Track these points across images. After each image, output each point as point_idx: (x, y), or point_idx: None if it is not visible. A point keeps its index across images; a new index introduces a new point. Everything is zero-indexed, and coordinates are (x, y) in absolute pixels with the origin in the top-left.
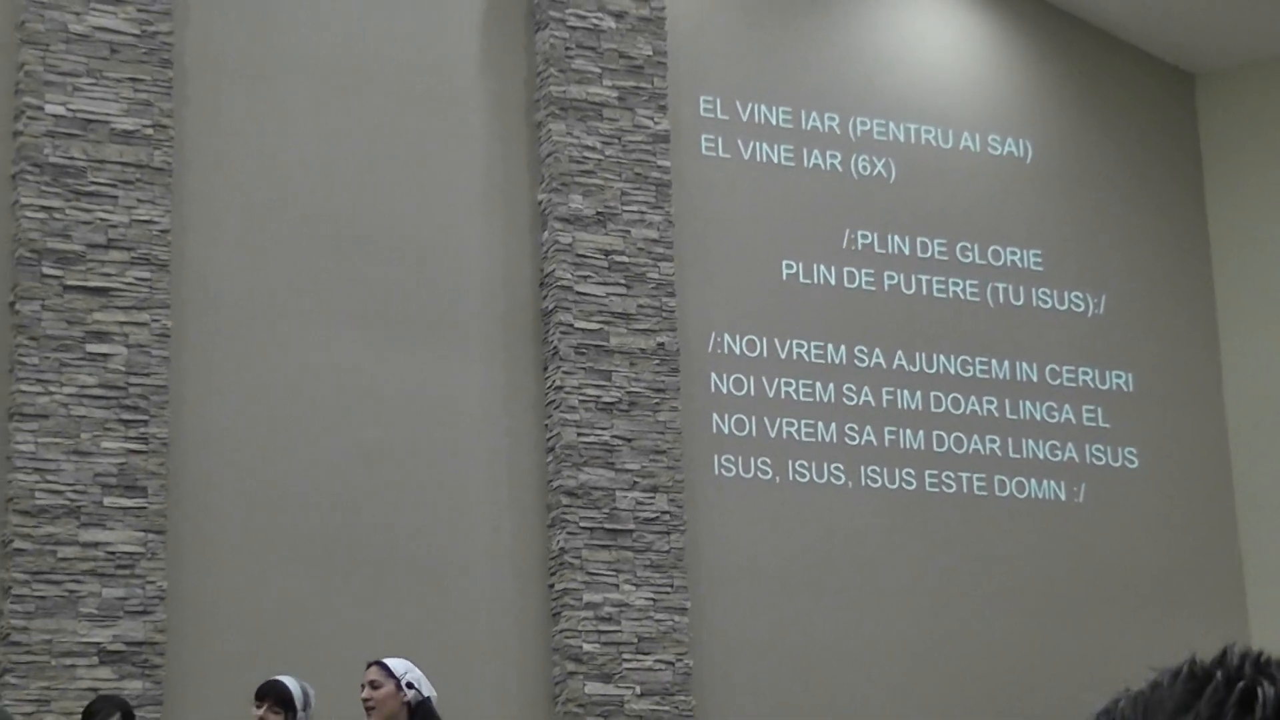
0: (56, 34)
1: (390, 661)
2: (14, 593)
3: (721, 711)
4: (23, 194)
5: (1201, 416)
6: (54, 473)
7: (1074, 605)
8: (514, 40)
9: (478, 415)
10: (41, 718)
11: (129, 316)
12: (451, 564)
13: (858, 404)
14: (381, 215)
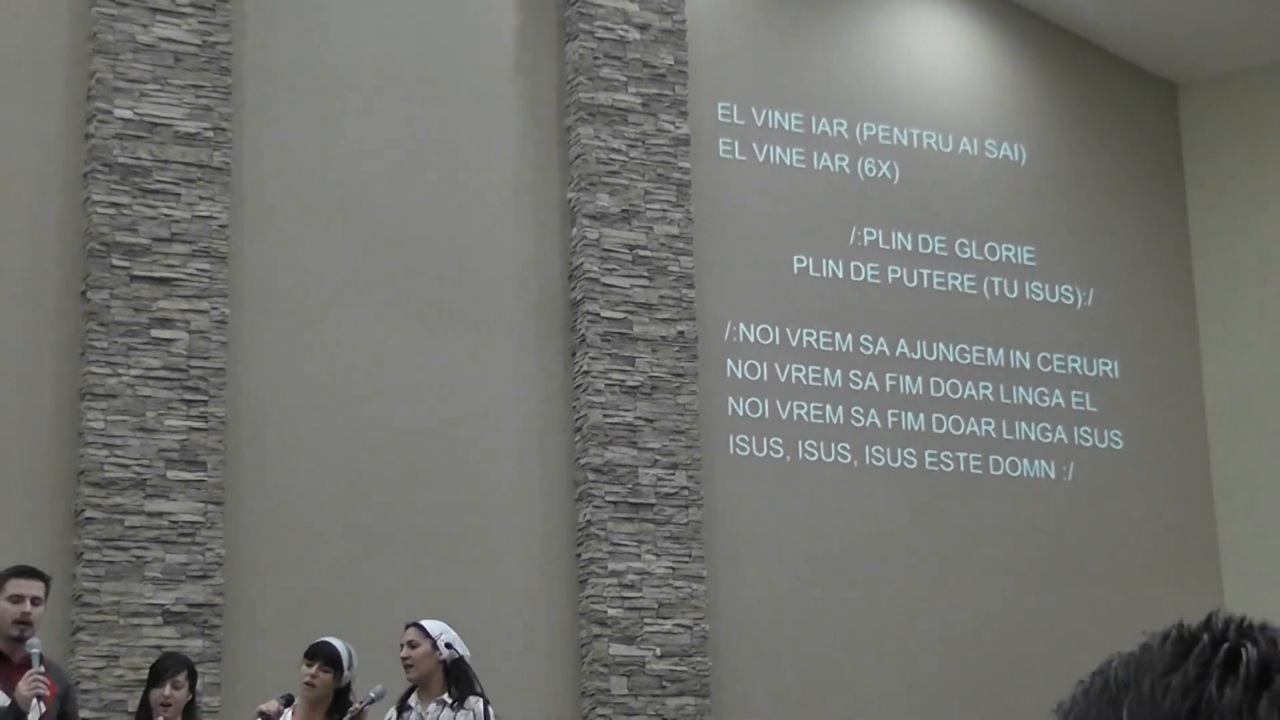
0: (125, 44)
1: (427, 623)
2: (85, 558)
3: (735, 672)
4: (94, 191)
5: (1182, 401)
6: (122, 448)
7: (1062, 576)
8: (546, 50)
9: (510, 397)
10: (111, 672)
11: (190, 305)
12: (486, 534)
13: (863, 389)
14: (422, 211)
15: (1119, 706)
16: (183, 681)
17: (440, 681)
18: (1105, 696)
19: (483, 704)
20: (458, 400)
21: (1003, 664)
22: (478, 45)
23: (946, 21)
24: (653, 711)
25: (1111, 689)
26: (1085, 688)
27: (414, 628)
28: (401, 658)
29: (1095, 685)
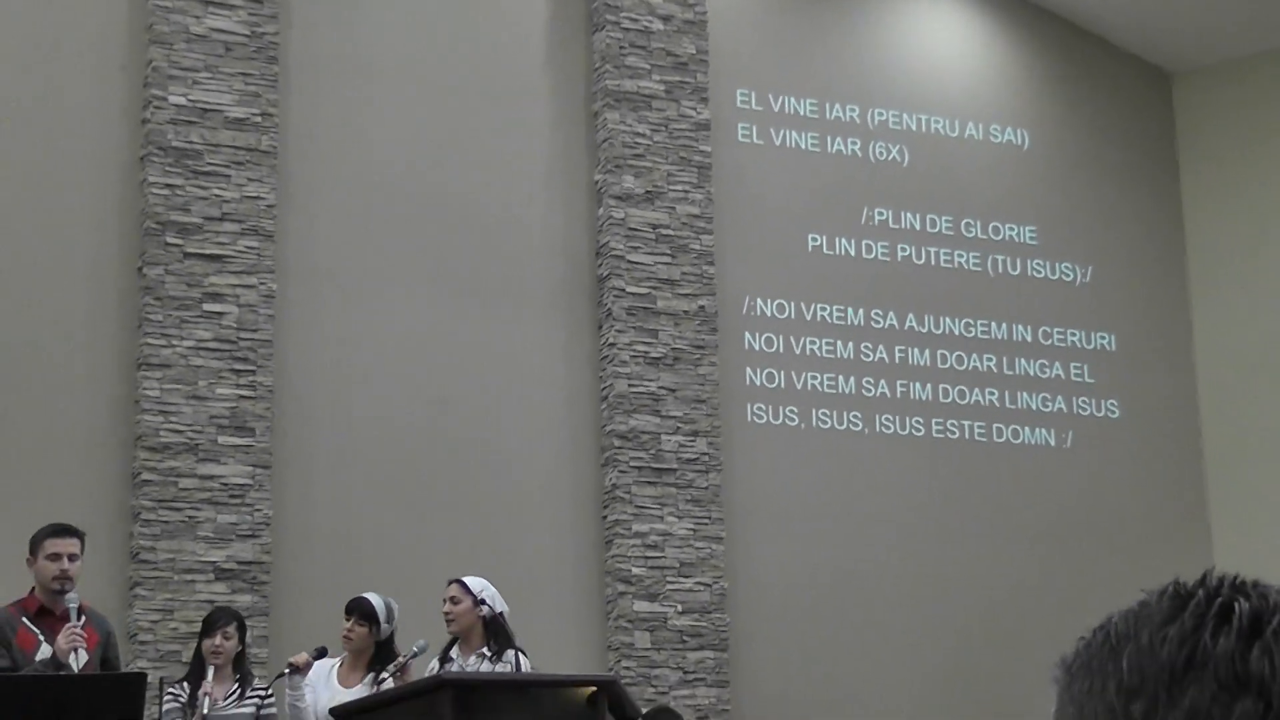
0: (179, 35)
1: (469, 580)
2: (142, 518)
3: (751, 627)
4: (149, 173)
5: (1175, 373)
6: (175, 415)
7: (1061, 537)
8: (574, 40)
9: (541, 367)
10: (166, 624)
11: (239, 280)
12: (517, 496)
13: (873, 360)
14: (458, 191)
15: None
16: (232, 633)
17: (480, 635)
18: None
19: (520, 656)
20: (491, 370)
21: (1004, 620)
22: (510, 36)
23: (954, 13)
24: (674, 664)
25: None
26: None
27: (456, 584)
28: (444, 612)
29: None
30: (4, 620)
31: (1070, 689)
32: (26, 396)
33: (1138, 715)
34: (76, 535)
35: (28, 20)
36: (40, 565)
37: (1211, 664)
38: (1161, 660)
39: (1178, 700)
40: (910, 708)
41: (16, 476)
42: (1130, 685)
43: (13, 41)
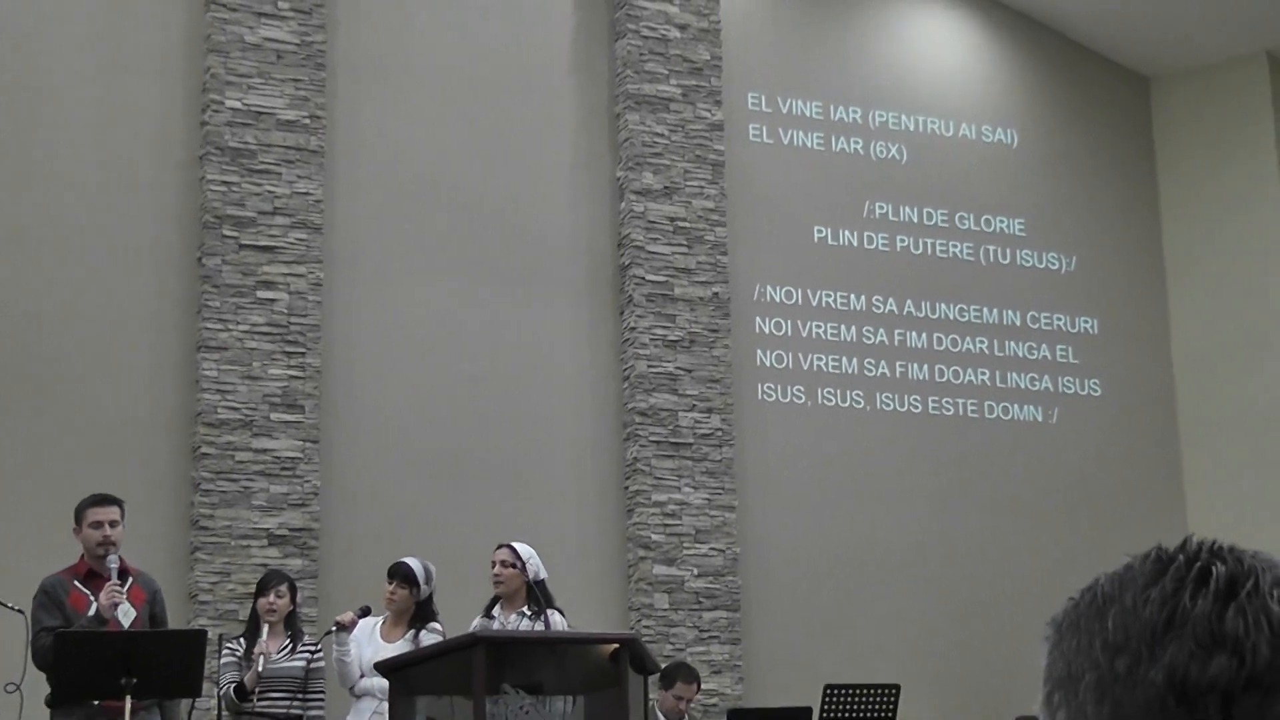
0: (235, 44)
1: (518, 545)
2: (201, 488)
3: (761, 589)
4: (207, 171)
5: (1153, 354)
6: (232, 393)
7: (1046, 505)
8: (598, 47)
9: (567, 349)
10: (224, 586)
11: (290, 269)
12: (546, 468)
13: (874, 343)
14: (491, 187)
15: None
16: (284, 593)
17: (523, 596)
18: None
19: (559, 616)
20: (521, 352)
21: (994, 582)
22: (539, 43)
23: (948, 23)
24: (690, 624)
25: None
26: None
27: (507, 548)
28: (494, 574)
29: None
30: (57, 584)
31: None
32: (96, 377)
33: (1121, 670)
34: (116, 503)
35: (99, 33)
36: (85, 533)
37: (1190, 624)
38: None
39: (1159, 657)
40: (906, 662)
41: (87, 451)
42: (1115, 642)
43: (85, 53)
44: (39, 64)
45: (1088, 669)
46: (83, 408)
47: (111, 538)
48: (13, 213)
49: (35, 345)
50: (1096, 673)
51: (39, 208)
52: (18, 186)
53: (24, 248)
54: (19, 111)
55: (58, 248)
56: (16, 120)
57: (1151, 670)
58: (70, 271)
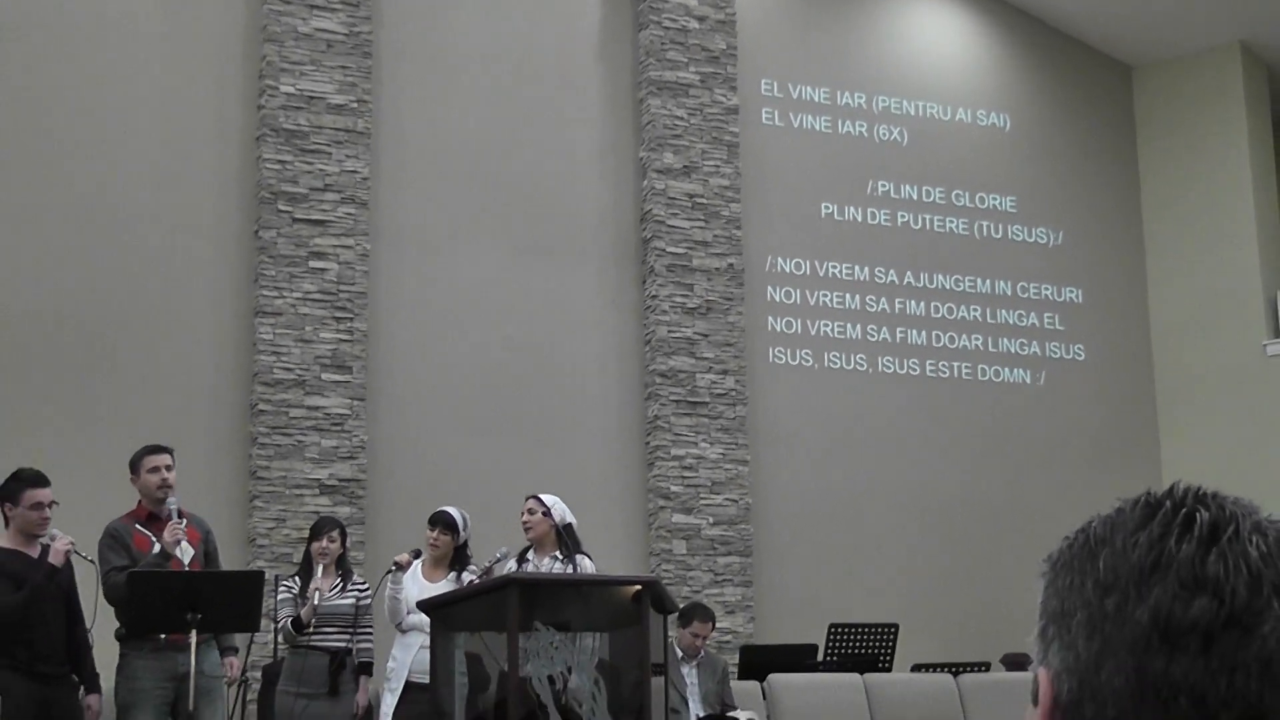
0: (288, 34)
1: (544, 496)
2: (259, 442)
3: (771, 536)
4: (264, 151)
5: (1132, 322)
6: (286, 355)
7: (1034, 459)
8: (623, 37)
9: (593, 315)
10: (280, 531)
11: (339, 241)
12: (573, 425)
13: (876, 310)
14: (524, 166)
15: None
16: (335, 537)
17: (553, 542)
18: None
19: (588, 560)
20: (551, 317)
21: (985, 529)
22: (568, 33)
23: (947, 15)
24: (706, 568)
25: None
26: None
27: (534, 499)
28: (523, 522)
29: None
30: (122, 528)
31: (1055, 583)
32: (163, 340)
33: (1110, 608)
34: (168, 451)
35: (166, 25)
36: (143, 479)
37: (1175, 566)
38: (1132, 562)
39: (1145, 596)
40: (904, 603)
41: (155, 408)
42: (1105, 582)
43: (153, 43)
44: (112, 54)
45: (1079, 606)
46: (151, 368)
47: (168, 481)
48: (89, 190)
49: (109, 310)
50: (1087, 610)
51: (113, 186)
52: (93, 166)
53: (99, 222)
54: (94, 97)
55: (129, 221)
56: (91, 105)
57: (1138, 609)
58: (140, 243)
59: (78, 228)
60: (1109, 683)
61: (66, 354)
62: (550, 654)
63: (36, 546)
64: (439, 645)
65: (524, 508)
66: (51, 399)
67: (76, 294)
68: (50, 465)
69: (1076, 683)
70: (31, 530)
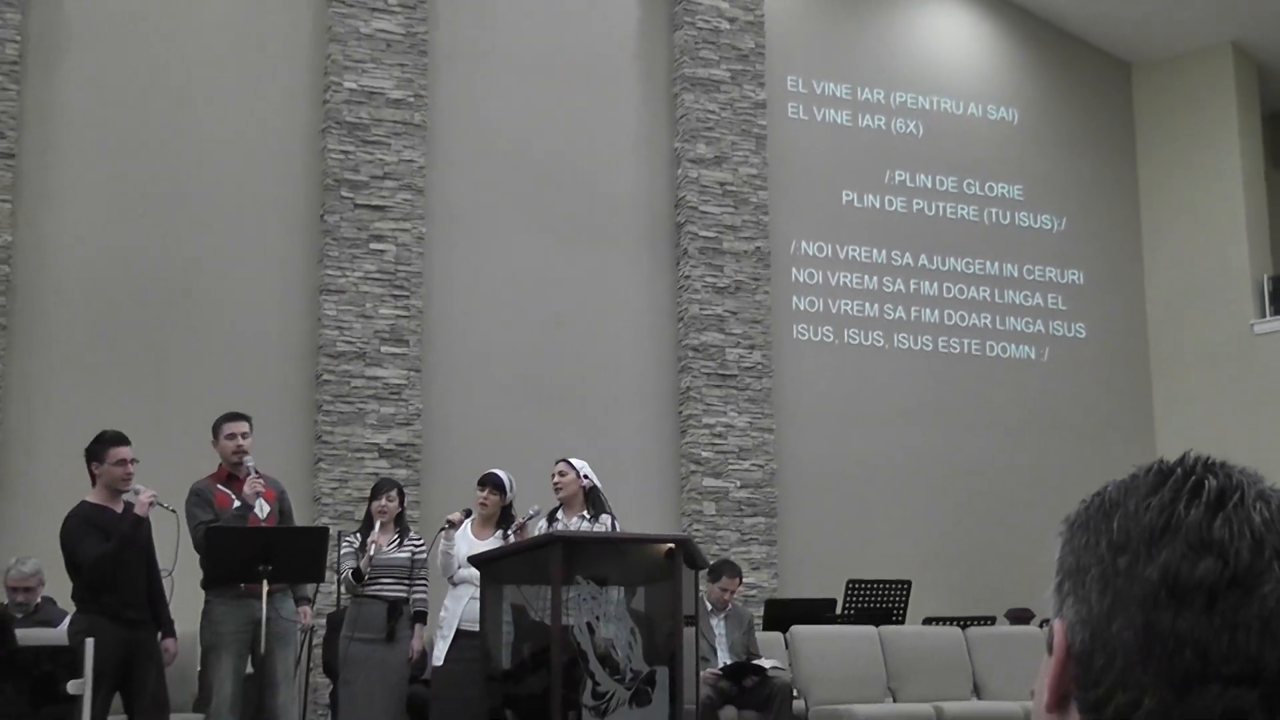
0: (351, 34)
1: (573, 460)
2: (323, 409)
3: (794, 499)
4: (329, 142)
5: (1129, 303)
6: (348, 329)
7: (1037, 430)
8: (659, 37)
9: (630, 294)
10: (342, 491)
11: (397, 225)
12: (612, 396)
13: (892, 291)
14: (567, 156)
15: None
16: (394, 497)
17: (581, 502)
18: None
19: (611, 519)
20: (592, 296)
21: (992, 494)
22: (608, 34)
23: (960, 16)
24: (734, 528)
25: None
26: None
27: (564, 462)
28: (554, 484)
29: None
30: (205, 488)
31: (1071, 541)
32: (237, 315)
33: (1122, 566)
34: (246, 419)
35: (238, 26)
36: (222, 444)
37: (1183, 529)
38: (1144, 524)
39: (1155, 556)
40: (917, 561)
41: (230, 377)
42: (1118, 542)
43: (226, 43)
44: (188, 53)
45: (1093, 564)
46: (226, 341)
47: (244, 447)
48: (170, 178)
49: (189, 288)
50: (1100, 567)
51: (191, 174)
52: (173, 156)
53: (179, 208)
54: (173, 94)
55: (206, 207)
56: (171, 101)
57: (1148, 568)
58: (216, 227)
59: (162, 213)
60: (1119, 635)
61: (151, 328)
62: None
63: (120, 503)
64: (488, 597)
65: (554, 470)
66: (137, 369)
67: (161, 273)
68: (134, 428)
69: (1089, 634)
70: (116, 486)
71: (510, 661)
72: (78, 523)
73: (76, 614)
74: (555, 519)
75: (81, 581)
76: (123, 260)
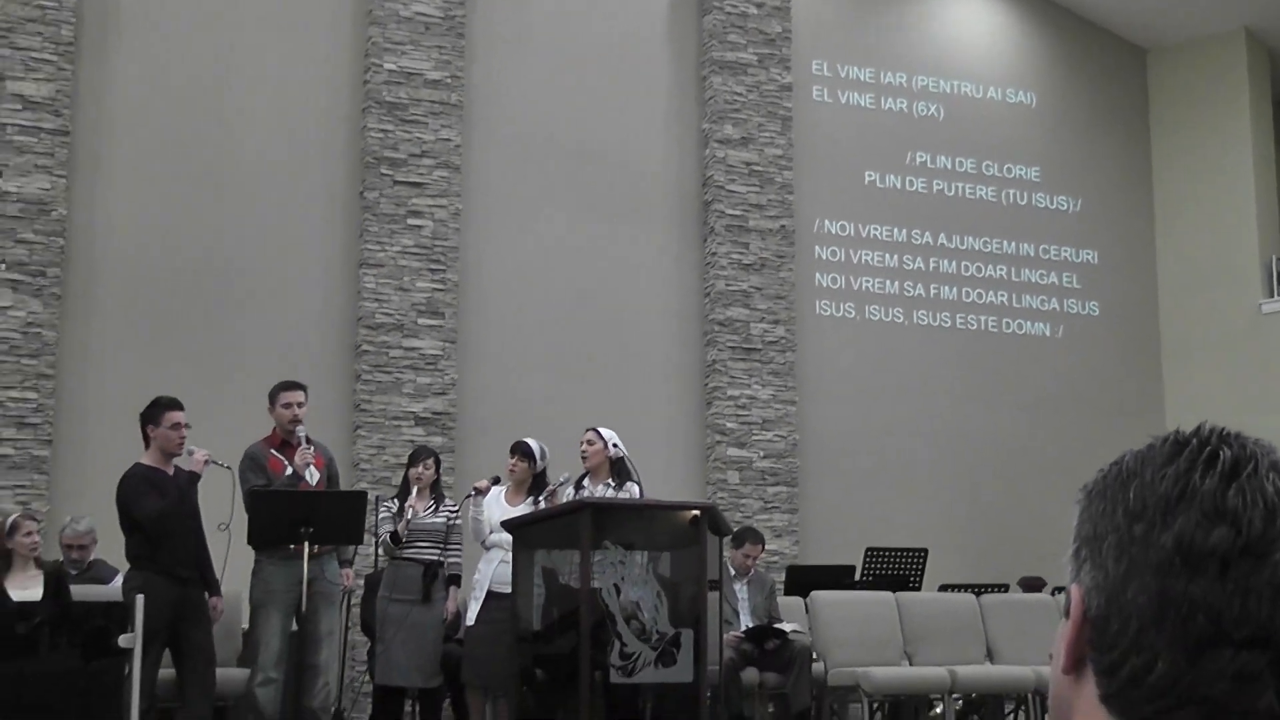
0: (391, 17)
1: (601, 429)
2: (362, 379)
3: (815, 469)
4: (369, 121)
5: (1142, 282)
6: (387, 302)
7: (1051, 404)
8: (688, 22)
9: (659, 270)
10: (380, 457)
11: (434, 201)
12: (641, 367)
13: (912, 269)
14: (600, 136)
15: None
16: (430, 464)
17: (607, 470)
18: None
19: (637, 487)
20: (622, 271)
21: (1005, 465)
22: (640, 17)
23: (980, 3)
24: (756, 496)
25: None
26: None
27: (592, 431)
28: (582, 452)
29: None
30: (259, 452)
31: (1088, 509)
32: (280, 288)
33: (1138, 534)
34: (302, 388)
35: (281, 10)
36: (278, 411)
37: (1198, 498)
38: (1160, 493)
39: (1170, 524)
40: (933, 530)
41: (274, 347)
42: (1134, 510)
43: (270, 26)
44: (235, 36)
45: (1110, 531)
46: (270, 312)
47: (299, 416)
48: (217, 156)
49: (235, 261)
50: (1117, 535)
51: (237, 152)
52: (219, 136)
53: (226, 184)
54: (220, 75)
55: (253, 185)
56: (218, 82)
57: (1163, 535)
58: (261, 202)
59: (210, 188)
60: (1134, 600)
61: (198, 299)
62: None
63: (172, 466)
64: (519, 560)
65: (583, 439)
66: (186, 339)
67: (208, 246)
68: (182, 395)
69: (1105, 599)
70: (170, 449)
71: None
72: (135, 482)
73: (130, 571)
74: (582, 486)
75: (138, 538)
76: (172, 234)
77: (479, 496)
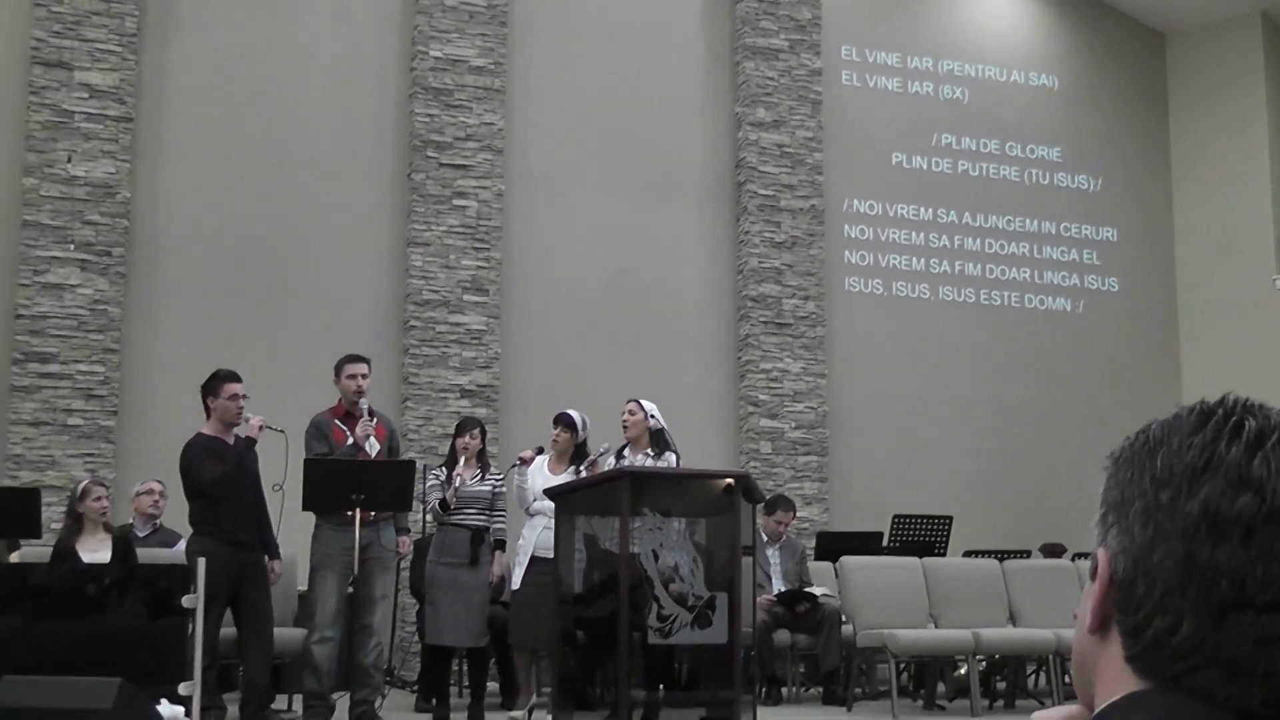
0: (436, 6)
1: (643, 400)
2: (410, 352)
3: (845, 439)
4: (415, 106)
5: (1159, 259)
6: (433, 279)
7: (1072, 376)
8: (722, 9)
9: (695, 248)
10: (427, 428)
11: (478, 183)
12: (678, 341)
13: (938, 246)
14: (636, 118)
15: (1154, 457)
16: (476, 434)
17: (647, 440)
18: (1146, 448)
19: (675, 456)
20: (658, 249)
21: (1028, 436)
22: (675, 5)
23: None
24: (788, 465)
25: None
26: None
27: (634, 402)
28: (623, 422)
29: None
30: (324, 421)
31: (1116, 475)
32: (333, 265)
33: (1165, 500)
34: (366, 361)
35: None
36: (343, 383)
37: (1223, 467)
38: (1186, 461)
39: (1196, 492)
40: (958, 498)
41: (328, 322)
42: (1161, 478)
43: (322, 15)
44: (288, 25)
45: (1137, 497)
46: (322, 289)
47: (363, 387)
48: (272, 141)
49: (289, 241)
50: (1144, 501)
51: (291, 137)
52: (274, 121)
53: (280, 167)
54: (275, 62)
55: (306, 168)
56: (273, 69)
57: (1189, 502)
58: (314, 185)
59: (265, 172)
60: (1160, 564)
61: (255, 278)
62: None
63: (231, 436)
64: (561, 527)
65: (625, 409)
66: (242, 315)
67: (263, 227)
68: (240, 368)
69: (1131, 563)
70: (229, 419)
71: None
72: (197, 450)
73: (193, 536)
74: (622, 456)
75: (200, 504)
76: (230, 215)
77: (524, 465)
